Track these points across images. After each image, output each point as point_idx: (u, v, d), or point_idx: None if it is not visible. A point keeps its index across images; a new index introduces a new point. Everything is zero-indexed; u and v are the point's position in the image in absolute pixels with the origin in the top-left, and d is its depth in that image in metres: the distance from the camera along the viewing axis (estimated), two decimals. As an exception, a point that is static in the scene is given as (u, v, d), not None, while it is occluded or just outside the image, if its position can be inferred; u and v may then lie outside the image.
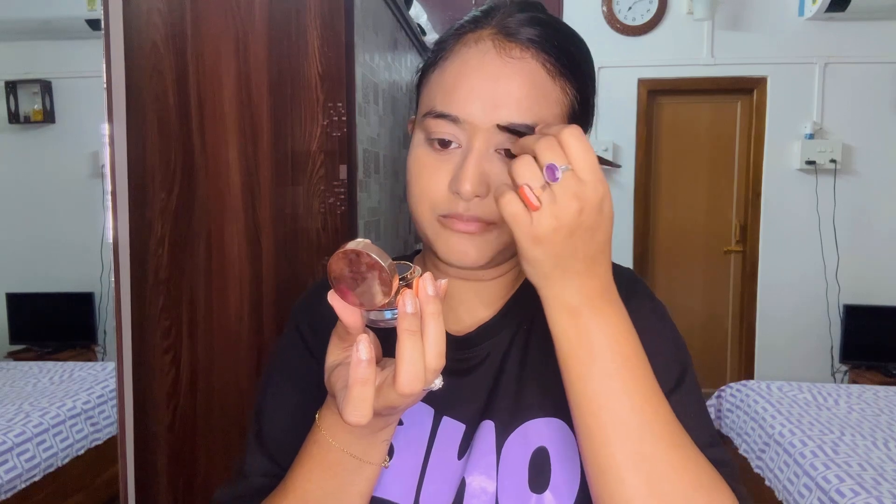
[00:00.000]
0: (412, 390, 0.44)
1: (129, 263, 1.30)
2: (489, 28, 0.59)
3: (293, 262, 1.29)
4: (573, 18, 4.28)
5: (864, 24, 3.84)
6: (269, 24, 1.26)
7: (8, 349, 3.66)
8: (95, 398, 2.69)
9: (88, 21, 3.20)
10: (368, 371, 0.44)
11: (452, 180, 0.57)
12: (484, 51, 0.58)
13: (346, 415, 0.45)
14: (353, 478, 0.54)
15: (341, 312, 0.47)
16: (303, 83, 1.26)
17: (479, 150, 0.57)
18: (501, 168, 0.57)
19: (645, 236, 4.16)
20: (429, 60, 0.63)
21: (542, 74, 0.58)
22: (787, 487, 2.31)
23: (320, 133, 1.27)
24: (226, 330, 1.31)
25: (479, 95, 0.57)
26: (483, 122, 0.56)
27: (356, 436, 0.52)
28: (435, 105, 0.59)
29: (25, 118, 3.67)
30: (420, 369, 0.44)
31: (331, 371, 0.51)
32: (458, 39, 0.60)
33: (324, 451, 0.53)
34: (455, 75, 0.58)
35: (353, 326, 0.48)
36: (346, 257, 0.44)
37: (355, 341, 0.46)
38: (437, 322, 0.44)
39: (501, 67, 0.57)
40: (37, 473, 2.28)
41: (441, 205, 0.59)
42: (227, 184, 1.29)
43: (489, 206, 0.57)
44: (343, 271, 0.45)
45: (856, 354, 3.84)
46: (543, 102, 0.57)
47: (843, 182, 3.93)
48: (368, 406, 0.45)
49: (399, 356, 0.44)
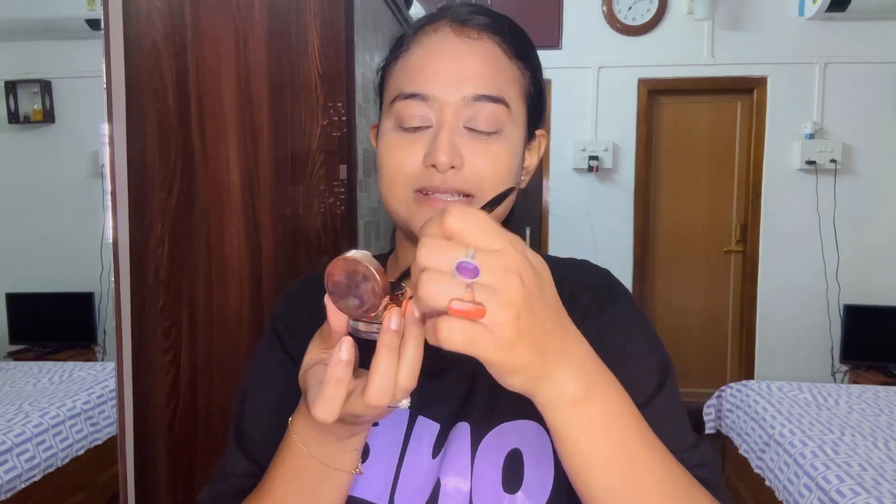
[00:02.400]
0: (378, 403, 0.44)
1: (128, 263, 1.30)
2: (445, 19, 0.63)
3: (293, 261, 1.29)
4: (573, 18, 4.27)
5: (864, 24, 3.84)
6: (269, 24, 1.26)
7: (8, 349, 3.66)
8: (95, 398, 2.69)
9: (88, 21, 3.20)
10: (345, 372, 0.45)
11: (427, 155, 0.59)
12: (444, 35, 0.62)
13: (316, 410, 0.45)
14: (323, 485, 0.54)
15: (331, 315, 0.48)
16: (303, 83, 1.26)
17: (451, 124, 0.59)
18: (472, 143, 0.60)
19: (645, 236, 4.16)
20: (388, 59, 0.66)
21: (499, 53, 0.62)
22: (787, 488, 2.31)
23: (320, 133, 1.26)
24: (226, 330, 1.31)
25: (445, 72, 0.60)
26: (452, 96, 0.59)
27: (325, 442, 0.53)
28: (403, 88, 0.61)
29: (25, 118, 3.67)
30: (390, 385, 0.44)
31: (306, 368, 0.51)
32: (416, 32, 0.64)
33: (295, 456, 0.54)
34: (419, 59, 0.61)
35: (338, 330, 0.48)
36: (346, 264, 0.45)
37: (337, 343, 0.46)
38: (417, 346, 0.45)
39: (462, 48, 0.61)
40: (37, 473, 2.28)
41: (416, 179, 0.61)
42: (227, 183, 1.28)
43: (465, 177, 0.60)
44: (340, 277, 0.46)
45: (856, 354, 3.83)
46: (504, 78, 0.62)
47: (844, 182, 3.93)
48: (337, 406, 0.45)
49: (373, 368, 0.44)
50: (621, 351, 0.60)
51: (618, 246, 4.07)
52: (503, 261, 0.39)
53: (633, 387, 0.53)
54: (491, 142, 0.61)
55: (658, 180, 4.19)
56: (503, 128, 0.61)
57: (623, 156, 4.08)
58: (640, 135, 4.06)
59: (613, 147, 4.04)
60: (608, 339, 0.59)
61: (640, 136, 4.06)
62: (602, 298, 0.65)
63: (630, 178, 4.09)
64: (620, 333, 0.62)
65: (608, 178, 4.09)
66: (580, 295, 0.65)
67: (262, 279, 1.30)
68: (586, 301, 0.65)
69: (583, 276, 0.68)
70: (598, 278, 0.68)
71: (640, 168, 4.08)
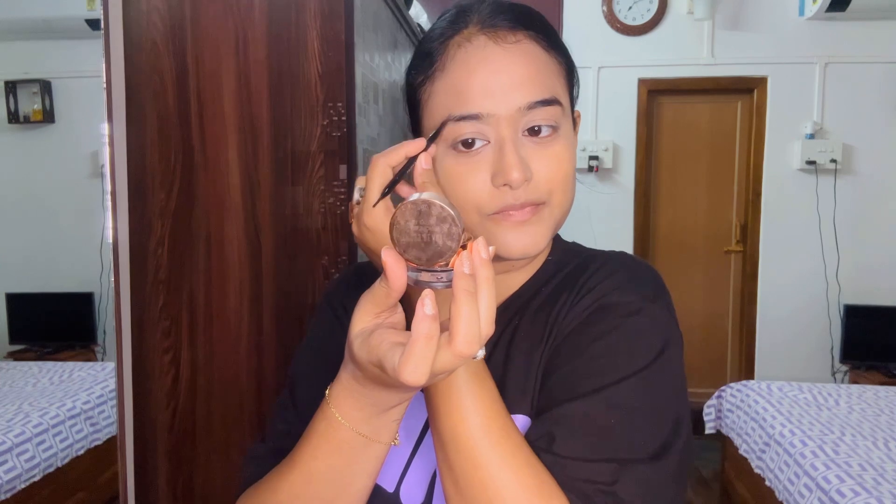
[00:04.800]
0: (470, 351, 0.42)
1: (128, 263, 1.30)
2: (473, 26, 0.60)
3: (293, 261, 1.29)
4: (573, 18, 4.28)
5: (864, 24, 3.84)
6: (269, 23, 1.26)
7: (8, 349, 3.66)
8: (95, 398, 2.69)
9: (88, 21, 3.20)
10: (434, 327, 0.42)
11: (496, 175, 0.57)
12: (480, 46, 0.59)
13: (406, 374, 0.42)
14: (360, 456, 0.54)
15: (391, 269, 0.44)
16: (303, 83, 1.26)
17: (512, 138, 0.57)
18: (534, 150, 0.59)
19: (645, 236, 4.16)
20: (418, 77, 0.63)
21: (538, 51, 0.60)
22: (787, 488, 2.31)
23: (320, 133, 1.26)
24: (226, 330, 1.31)
25: (494, 86, 0.57)
26: (506, 110, 0.57)
27: (368, 415, 0.52)
28: (452, 111, 0.58)
29: (25, 118, 3.67)
30: (477, 330, 0.42)
31: (364, 336, 0.48)
32: (445, 45, 0.61)
33: (333, 428, 0.53)
34: (461, 77, 0.59)
35: (398, 287, 0.45)
36: (416, 208, 0.42)
37: (394, 299, 0.46)
38: (490, 287, 0.43)
39: (504, 56, 0.58)
40: (36, 473, 2.28)
41: (489, 204, 0.59)
42: (227, 184, 1.28)
43: (536, 187, 0.59)
44: (408, 224, 0.42)
45: (856, 354, 3.83)
46: (549, 76, 0.60)
47: (844, 182, 3.93)
48: (428, 365, 0.42)
49: (456, 316, 0.42)
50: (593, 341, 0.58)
51: (617, 246, 3.99)
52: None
53: (580, 377, 0.56)
54: (551, 143, 0.59)
55: (658, 180, 4.19)
56: (559, 125, 0.60)
57: (623, 156, 4.08)
58: (640, 135, 4.06)
59: (613, 147, 4.04)
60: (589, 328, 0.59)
61: (640, 136, 4.06)
62: (595, 308, 0.60)
63: (630, 178, 4.09)
64: (595, 339, 0.58)
65: (608, 178, 4.09)
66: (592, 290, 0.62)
67: (262, 279, 1.29)
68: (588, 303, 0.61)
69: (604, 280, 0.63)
70: (608, 268, 0.64)
71: (640, 168, 4.08)
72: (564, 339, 0.60)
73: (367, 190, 0.56)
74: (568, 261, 0.68)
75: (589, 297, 0.61)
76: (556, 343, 0.60)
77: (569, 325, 0.60)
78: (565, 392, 0.56)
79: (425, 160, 0.56)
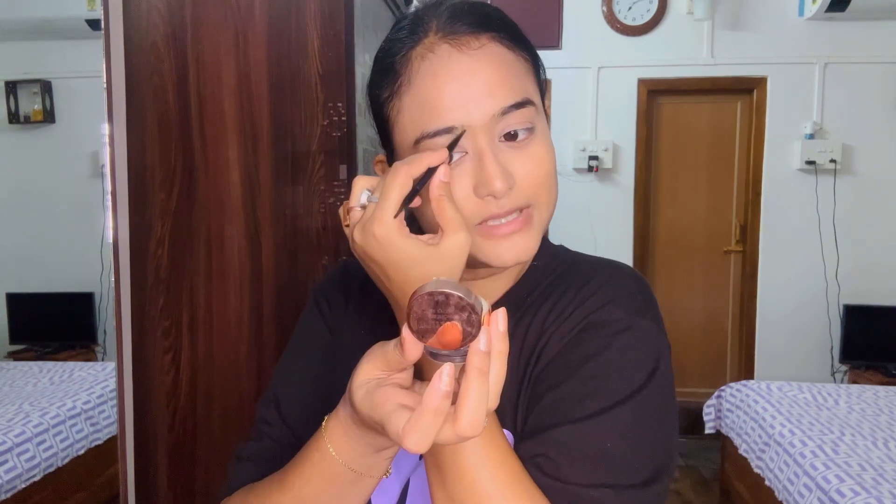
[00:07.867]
0: (474, 433, 0.42)
1: (129, 263, 1.30)
2: (433, 34, 0.58)
3: (293, 261, 1.29)
4: (573, 18, 4.28)
5: (864, 24, 3.84)
6: (269, 23, 1.26)
7: (8, 349, 3.66)
8: (95, 398, 2.69)
9: (88, 21, 3.21)
10: (445, 403, 0.41)
11: (478, 186, 0.56)
12: (444, 55, 0.57)
13: (409, 443, 0.42)
14: (351, 489, 0.55)
15: (411, 348, 0.44)
16: (303, 83, 1.26)
17: (489, 146, 0.56)
18: (513, 154, 0.57)
19: (645, 236, 4.16)
20: (382, 92, 0.61)
21: (504, 52, 0.58)
22: (787, 487, 2.31)
23: (320, 133, 1.27)
24: (226, 330, 1.31)
25: (464, 97, 0.55)
26: (480, 119, 0.56)
27: (361, 454, 0.52)
28: (425, 128, 0.56)
29: (25, 118, 3.67)
30: (483, 413, 0.42)
31: (368, 389, 0.48)
32: (407, 57, 0.58)
33: (326, 461, 0.54)
34: (429, 90, 0.56)
35: (414, 359, 0.46)
36: (433, 299, 0.41)
37: (408, 365, 0.47)
38: (503, 361, 0.43)
39: (470, 63, 0.56)
40: (37, 473, 2.28)
41: (474, 215, 0.57)
42: (227, 184, 1.29)
43: (521, 191, 0.57)
44: (426, 313, 0.42)
45: (856, 354, 3.83)
46: (519, 76, 0.58)
47: (843, 182, 3.93)
48: (432, 438, 0.42)
49: (464, 397, 0.41)
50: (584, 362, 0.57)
51: (617, 246, 4.07)
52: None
53: (569, 402, 0.55)
54: (529, 145, 0.58)
55: (658, 180, 4.19)
56: (535, 125, 0.58)
57: (623, 156, 4.08)
58: (640, 135, 4.06)
59: (613, 147, 4.04)
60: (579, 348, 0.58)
61: (639, 136, 4.06)
62: (590, 319, 0.60)
63: (630, 178, 4.09)
64: (591, 355, 0.57)
65: (608, 178, 4.09)
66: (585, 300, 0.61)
67: (263, 279, 1.30)
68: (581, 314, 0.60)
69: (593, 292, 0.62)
70: (609, 285, 0.62)
71: (639, 168, 4.08)
72: (554, 357, 0.59)
73: (385, 198, 0.50)
74: (553, 266, 0.66)
75: (577, 315, 0.59)
76: (545, 357, 0.59)
77: (557, 343, 0.59)
78: (560, 415, 0.55)
79: (444, 173, 0.52)
